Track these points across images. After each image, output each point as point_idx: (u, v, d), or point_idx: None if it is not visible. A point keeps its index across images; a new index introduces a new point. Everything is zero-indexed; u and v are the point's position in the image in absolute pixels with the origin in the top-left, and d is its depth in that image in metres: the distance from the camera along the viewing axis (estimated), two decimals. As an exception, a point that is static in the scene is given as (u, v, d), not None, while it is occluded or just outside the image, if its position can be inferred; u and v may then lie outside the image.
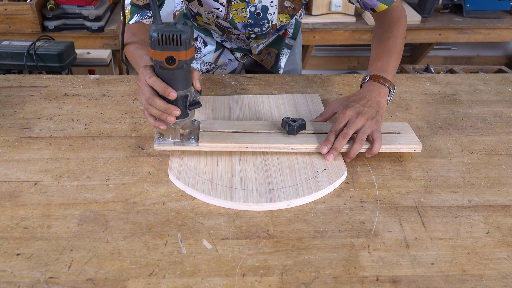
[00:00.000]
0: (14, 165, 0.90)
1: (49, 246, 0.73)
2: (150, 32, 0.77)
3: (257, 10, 1.14)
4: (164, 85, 0.80)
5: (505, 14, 2.71)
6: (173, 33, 0.76)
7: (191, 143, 0.88)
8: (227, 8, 1.12)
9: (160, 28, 0.76)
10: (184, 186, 0.84)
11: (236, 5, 1.13)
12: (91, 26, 2.29)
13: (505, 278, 0.69)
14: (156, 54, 0.77)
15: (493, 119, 1.09)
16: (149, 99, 0.81)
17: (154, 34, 0.76)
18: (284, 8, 1.17)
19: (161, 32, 0.76)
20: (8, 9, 2.21)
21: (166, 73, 0.80)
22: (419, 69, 2.01)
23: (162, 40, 0.76)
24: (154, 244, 0.74)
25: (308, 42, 2.58)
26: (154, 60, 0.79)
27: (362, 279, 0.69)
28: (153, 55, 0.78)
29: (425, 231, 0.77)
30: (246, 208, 0.80)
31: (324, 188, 0.83)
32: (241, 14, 1.15)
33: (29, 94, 1.15)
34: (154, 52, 0.77)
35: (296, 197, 0.81)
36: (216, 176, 0.86)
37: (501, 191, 0.87)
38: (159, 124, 0.84)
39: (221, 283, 0.68)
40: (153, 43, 0.76)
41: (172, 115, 0.81)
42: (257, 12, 1.15)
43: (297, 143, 0.91)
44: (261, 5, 1.13)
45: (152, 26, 0.77)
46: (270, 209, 0.80)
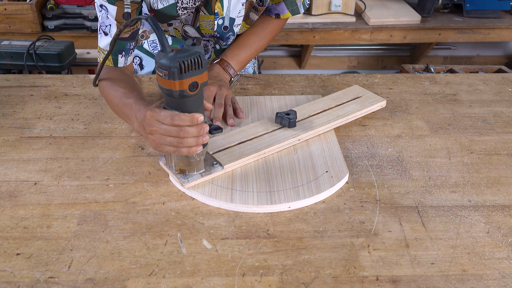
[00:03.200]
0: (14, 165, 0.90)
1: (49, 246, 0.73)
2: (164, 62, 0.71)
3: (224, 23, 1.11)
4: (191, 115, 0.75)
5: (505, 14, 2.71)
6: (194, 57, 0.71)
7: (216, 169, 0.85)
8: (195, 15, 1.08)
9: (177, 55, 0.71)
10: (185, 188, 0.84)
11: (204, 17, 1.09)
12: (91, 26, 2.29)
13: (505, 278, 0.69)
14: (177, 84, 0.72)
15: (493, 119, 1.09)
16: (181, 132, 0.76)
17: (174, 64, 0.70)
18: (248, 19, 1.15)
19: (181, 59, 0.70)
20: (8, 9, 2.21)
21: (183, 101, 0.75)
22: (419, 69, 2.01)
23: (185, 67, 0.71)
24: (154, 244, 0.74)
25: (308, 42, 2.58)
26: (173, 91, 0.73)
27: (362, 279, 0.69)
28: (173, 86, 0.72)
29: (425, 231, 0.77)
30: (247, 210, 0.80)
31: (325, 191, 0.83)
32: (208, 26, 1.11)
33: (29, 94, 1.15)
34: (175, 82, 0.71)
35: (297, 199, 0.81)
36: (217, 177, 0.86)
37: (501, 191, 0.87)
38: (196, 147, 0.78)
39: (221, 283, 0.67)
40: (173, 73, 0.71)
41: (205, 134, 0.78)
42: (224, 26, 1.12)
43: (301, 133, 0.95)
44: (229, 17, 1.10)
45: (161, 55, 0.71)
46: (270, 211, 0.80)
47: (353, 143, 0.99)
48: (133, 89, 0.95)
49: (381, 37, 2.58)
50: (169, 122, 0.76)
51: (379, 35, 2.57)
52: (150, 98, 1.14)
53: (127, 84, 0.97)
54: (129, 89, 0.94)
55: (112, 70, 1.01)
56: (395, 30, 2.55)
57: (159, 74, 0.73)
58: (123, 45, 0.99)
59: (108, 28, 0.98)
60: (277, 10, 1.18)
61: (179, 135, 0.76)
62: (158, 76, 0.74)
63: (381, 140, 1.00)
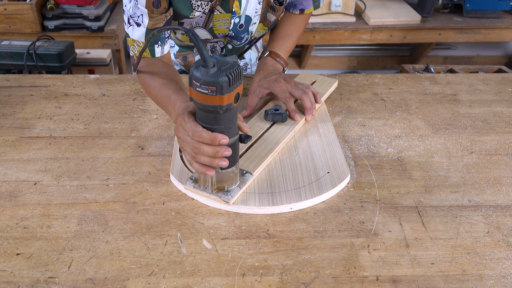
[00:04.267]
0: (14, 165, 0.90)
1: (49, 246, 0.73)
2: (211, 79, 0.68)
3: (240, 21, 1.10)
4: (212, 135, 0.73)
5: (505, 14, 2.71)
6: (236, 68, 0.70)
7: (248, 178, 0.84)
8: (208, 16, 1.07)
9: (221, 69, 0.69)
10: (185, 188, 0.84)
11: (220, 16, 1.07)
12: (91, 26, 2.29)
13: (505, 278, 0.69)
14: (225, 98, 0.69)
15: (493, 119, 1.09)
16: (195, 149, 0.75)
17: (223, 78, 0.68)
18: (265, 19, 1.15)
19: (228, 72, 0.68)
20: (8, 9, 2.21)
21: (221, 116, 0.72)
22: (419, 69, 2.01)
23: (232, 80, 0.69)
24: (154, 244, 0.74)
25: (308, 42, 2.58)
26: (220, 106, 0.70)
27: (362, 279, 0.69)
28: (220, 102, 0.69)
29: (425, 231, 0.77)
30: (248, 211, 0.80)
31: (327, 192, 0.83)
32: (223, 25, 1.09)
33: (29, 94, 1.15)
34: (223, 97, 0.69)
35: (299, 201, 0.81)
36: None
37: (501, 191, 0.87)
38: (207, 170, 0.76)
39: (221, 283, 0.67)
40: (222, 88, 0.68)
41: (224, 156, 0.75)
42: (240, 24, 1.11)
43: (293, 126, 0.98)
44: (245, 15, 1.09)
45: (203, 72, 0.69)
46: (272, 212, 0.80)
47: (353, 143, 0.99)
48: (172, 80, 0.95)
49: (381, 37, 2.58)
50: (191, 136, 0.75)
51: (379, 35, 2.57)
52: (150, 98, 1.14)
53: (166, 75, 0.96)
54: (168, 80, 0.94)
55: (150, 61, 1.01)
56: (395, 30, 2.55)
57: (203, 92, 0.69)
58: (158, 35, 0.98)
59: (141, 18, 0.96)
60: (303, 5, 1.18)
61: (193, 151, 0.76)
62: (200, 95, 0.70)
63: (381, 140, 1.00)
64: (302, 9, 1.19)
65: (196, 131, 0.74)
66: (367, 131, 1.03)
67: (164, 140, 0.98)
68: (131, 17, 0.97)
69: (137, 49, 1.00)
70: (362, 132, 1.03)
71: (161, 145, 0.97)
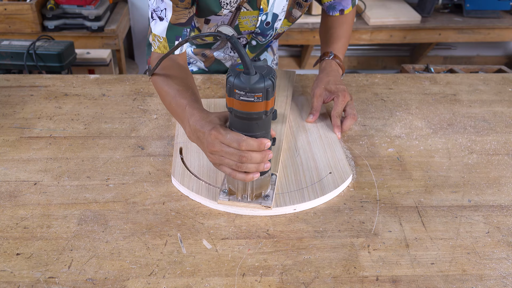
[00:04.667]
0: (14, 165, 0.90)
1: (49, 246, 0.73)
2: (258, 85, 0.67)
3: (267, 19, 1.09)
4: (259, 141, 0.73)
5: (505, 14, 2.71)
6: (273, 70, 0.69)
7: (275, 178, 0.84)
8: (234, 14, 1.05)
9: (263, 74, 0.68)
10: (188, 191, 0.83)
11: (247, 13, 1.05)
12: (91, 26, 2.29)
13: (505, 278, 0.69)
14: (270, 103, 0.69)
15: (493, 119, 1.09)
16: (243, 158, 0.73)
17: (268, 83, 0.67)
18: (290, 16, 1.13)
19: (270, 76, 0.68)
20: (8, 9, 2.20)
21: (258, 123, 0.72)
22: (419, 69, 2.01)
23: (275, 84, 0.69)
24: (154, 244, 0.74)
25: (308, 42, 2.58)
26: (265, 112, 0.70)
27: (362, 279, 0.69)
28: (265, 107, 0.69)
29: (425, 231, 0.77)
30: (252, 214, 0.80)
31: (330, 192, 0.83)
32: (250, 23, 1.08)
33: (29, 94, 1.15)
34: (268, 102, 0.69)
35: (302, 201, 0.81)
36: (220, 181, 0.85)
37: (501, 191, 0.87)
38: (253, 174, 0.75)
39: (221, 283, 0.67)
40: (268, 93, 0.68)
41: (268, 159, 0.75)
42: (266, 22, 1.09)
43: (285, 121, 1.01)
44: (272, 13, 1.07)
45: (246, 79, 0.67)
46: (276, 214, 0.80)
47: (353, 143, 0.99)
48: (188, 87, 0.91)
49: (381, 37, 2.58)
50: (236, 147, 0.73)
51: (379, 35, 2.57)
52: (150, 98, 1.14)
53: (181, 80, 0.93)
54: (184, 87, 0.90)
55: (166, 63, 0.96)
56: (395, 30, 2.55)
57: (248, 100, 0.68)
58: (179, 31, 0.96)
59: (164, 12, 0.93)
60: (342, 6, 1.17)
61: (241, 160, 0.73)
62: (244, 103, 0.69)
63: (381, 140, 1.00)
64: (342, 9, 1.17)
65: (242, 141, 0.72)
66: (367, 131, 1.03)
67: (164, 140, 0.98)
68: (154, 11, 0.94)
69: (157, 45, 0.97)
70: (362, 132, 1.03)
71: (161, 145, 0.97)
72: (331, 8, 1.17)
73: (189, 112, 0.83)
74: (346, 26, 1.18)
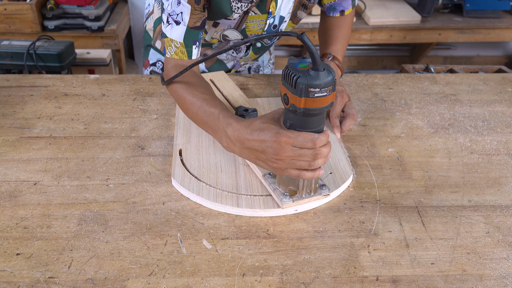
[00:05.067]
0: (14, 165, 0.90)
1: (49, 246, 0.73)
2: (329, 79, 0.69)
3: (274, 22, 1.07)
4: (326, 134, 0.74)
5: (505, 14, 2.71)
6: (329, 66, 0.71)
7: None
8: (242, 17, 1.04)
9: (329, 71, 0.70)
10: (189, 193, 0.83)
11: (255, 17, 1.04)
12: (91, 26, 2.29)
13: (505, 278, 0.69)
14: (333, 95, 0.72)
15: (493, 119, 1.09)
16: (317, 155, 0.73)
17: (333, 75, 0.70)
18: (295, 17, 1.13)
19: (332, 72, 0.70)
20: (8, 9, 2.21)
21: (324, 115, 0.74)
22: (419, 69, 2.01)
23: None
24: (154, 244, 0.74)
25: (308, 42, 2.58)
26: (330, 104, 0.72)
27: (362, 279, 0.69)
28: (332, 98, 0.71)
29: (425, 231, 0.77)
30: (253, 215, 0.80)
31: (331, 192, 0.83)
32: (257, 26, 1.07)
33: (29, 94, 1.15)
34: (334, 93, 0.71)
35: (303, 202, 0.81)
36: (221, 182, 0.85)
37: (501, 191, 0.87)
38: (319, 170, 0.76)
39: (221, 283, 0.67)
40: (334, 84, 0.70)
41: None
42: (274, 25, 1.09)
43: None
44: (279, 15, 1.07)
45: (316, 75, 0.68)
46: (277, 214, 0.80)
47: (353, 143, 0.99)
48: (213, 95, 0.89)
49: (381, 37, 2.58)
50: (311, 147, 0.72)
51: (379, 35, 2.57)
52: (150, 98, 1.14)
53: (205, 89, 0.91)
54: (209, 96, 0.88)
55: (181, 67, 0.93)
56: (395, 30, 2.55)
57: (322, 95, 0.70)
58: (196, 35, 0.94)
59: (180, 16, 0.91)
60: (342, 7, 1.16)
61: (315, 159, 0.73)
62: (319, 99, 0.70)
63: (381, 140, 1.00)
64: (342, 10, 1.17)
65: (316, 139, 0.72)
66: (367, 131, 1.03)
67: (164, 140, 0.98)
68: (170, 15, 0.92)
69: (174, 50, 0.94)
70: (362, 132, 1.03)
71: (161, 145, 0.97)
72: (331, 9, 1.17)
73: (224, 121, 0.81)
74: (346, 28, 1.17)
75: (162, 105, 1.11)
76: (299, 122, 0.73)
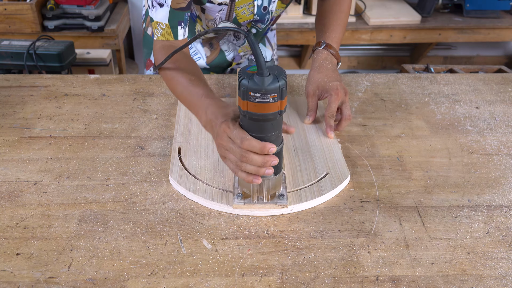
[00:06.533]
0: (14, 165, 0.90)
1: (49, 246, 0.73)
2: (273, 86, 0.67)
3: (263, 3, 1.07)
4: (263, 144, 0.72)
5: (505, 14, 2.71)
6: (285, 73, 0.69)
7: (284, 177, 0.84)
8: (230, 6, 1.04)
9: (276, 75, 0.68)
10: (185, 191, 0.83)
11: (242, 1, 1.04)
12: (91, 26, 2.29)
13: (505, 278, 0.69)
14: (284, 102, 0.69)
15: (493, 119, 1.09)
16: (243, 158, 0.73)
17: (282, 83, 0.67)
18: None
19: (282, 75, 0.68)
20: (8, 9, 2.20)
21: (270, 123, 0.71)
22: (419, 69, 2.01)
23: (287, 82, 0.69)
24: (154, 244, 0.74)
25: (308, 42, 2.58)
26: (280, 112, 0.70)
27: (362, 279, 0.69)
28: (280, 107, 0.69)
29: (425, 231, 0.77)
30: (248, 214, 0.80)
31: (327, 193, 0.83)
32: (247, 12, 1.07)
33: (29, 94, 1.15)
34: (283, 102, 0.69)
35: (299, 202, 0.81)
36: (218, 180, 0.85)
37: (501, 191, 0.87)
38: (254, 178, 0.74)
39: (221, 283, 0.67)
40: (282, 92, 0.68)
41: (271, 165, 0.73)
42: (263, 6, 1.08)
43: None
44: None
45: (260, 80, 0.67)
46: (272, 214, 0.80)
47: (353, 143, 0.99)
48: (200, 77, 0.90)
49: (381, 37, 2.58)
50: (239, 144, 0.73)
51: (379, 35, 2.57)
52: (150, 98, 1.14)
53: (192, 71, 0.92)
54: (196, 77, 0.90)
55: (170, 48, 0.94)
56: (395, 30, 2.55)
57: (264, 102, 0.68)
58: (181, 16, 0.95)
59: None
60: None
61: (241, 159, 0.74)
62: (260, 105, 0.68)
63: (381, 140, 1.00)
64: None
65: (245, 139, 0.72)
66: (367, 131, 1.03)
67: (164, 140, 0.98)
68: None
69: (160, 32, 0.96)
70: (362, 132, 1.03)
71: (161, 145, 0.97)
72: None
73: (206, 102, 0.82)
74: (341, 14, 1.13)
75: (162, 105, 1.11)
76: (245, 124, 0.73)
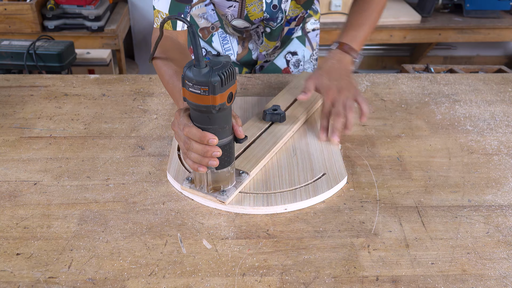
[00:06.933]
0: (14, 165, 0.90)
1: (49, 246, 0.73)
2: (203, 79, 0.68)
3: (273, 1, 1.08)
4: (202, 133, 0.73)
5: (505, 14, 2.71)
6: (228, 68, 0.69)
7: (245, 178, 0.84)
8: (241, 4, 1.06)
9: (214, 69, 0.68)
10: (181, 188, 0.83)
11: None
12: (91, 26, 2.29)
13: (505, 278, 0.69)
14: (218, 98, 0.69)
15: (493, 119, 1.09)
16: (186, 144, 0.76)
17: (215, 78, 0.67)
18: None
19: (220, 72, 0.68)
20: (8, 9, 2.21)
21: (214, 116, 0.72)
22: (419, 69, 2.01)
23: (225, 80, 0.69)
24: (154, 244, 0.74)
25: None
26: (213, 106, 0.70)
27: (362, 279, 0.69)
28: (213, 101, 0.69)
29: (425, 231, 0.77)
30: (242, 211, 0.80)
31: (322, 193, 0.83)
32: (257, 9, 1.09)
33: (29, 94, 1.15)
34: (216, 97, 0.69)
35: (294, 201, 0.81)
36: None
37: (501, 191, 0.87)
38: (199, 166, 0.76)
39: (221, 283, 0.67)
40: (214, 88, 0.68)
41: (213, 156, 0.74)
42: (273, 5, 1.09)
43: (293, 125, 0.98)
44: None
45: (195, 72, 0.68)
46: (266, 212, 0.80)
47: (353, 143, 0.99)
48: None
49: (381, 37, 2.58)
50: (182, 129, 0.76)
51: (379, 35, 2.57)
52: (150, 98, 1.14)
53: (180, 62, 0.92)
54: (181, 68, 0.90)
55: (168, 41, 0.96)
56: (395, 30, 2.55)
57: (195, 92, 0.69)
58: (182, 8, 0.96)
59: None
60: None
61: (185, 146, 0.76)
62: (193, 95, 0.70)
63: (381, 140, 1.00)
64: None
65: (186, 126, 0.75)
66: (367, 131, 1.03)
67: (164, 140, 0.98)
68: None
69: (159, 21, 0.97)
70: (362, 132, 1.03)
71: (161, 145, 0.97)
72: None
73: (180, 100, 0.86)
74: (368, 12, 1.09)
75: (162, 105, 1.11)
76: (191, 113, 0.76)
